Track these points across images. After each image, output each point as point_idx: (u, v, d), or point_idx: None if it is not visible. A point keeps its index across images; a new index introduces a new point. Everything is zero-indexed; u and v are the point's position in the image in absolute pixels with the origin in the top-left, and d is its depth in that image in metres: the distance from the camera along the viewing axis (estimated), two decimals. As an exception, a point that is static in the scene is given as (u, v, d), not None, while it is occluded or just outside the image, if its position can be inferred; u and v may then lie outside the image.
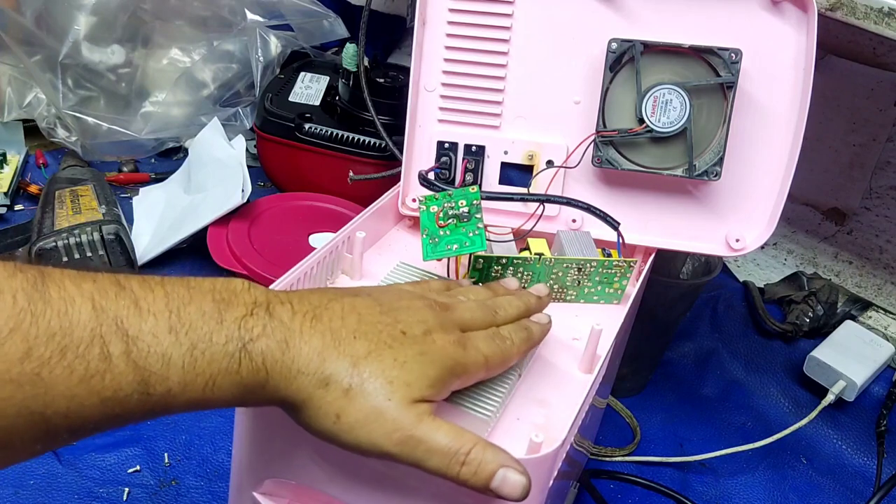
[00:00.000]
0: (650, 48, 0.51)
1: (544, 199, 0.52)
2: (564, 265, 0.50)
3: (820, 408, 0.75)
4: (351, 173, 0.75)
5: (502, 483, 0.33)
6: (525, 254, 0.51)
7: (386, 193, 0.56)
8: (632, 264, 0.51)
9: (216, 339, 0.31)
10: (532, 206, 0.53)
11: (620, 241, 0.51)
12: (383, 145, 0.88)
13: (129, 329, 0.29)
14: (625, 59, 0.52)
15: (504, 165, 0.56)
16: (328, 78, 1.00)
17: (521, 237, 0.53)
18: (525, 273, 0.50)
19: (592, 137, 0.53)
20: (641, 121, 0.51)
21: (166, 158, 1.03)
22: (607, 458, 0.70)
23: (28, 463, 0.59)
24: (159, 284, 0.32)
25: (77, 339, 0.28)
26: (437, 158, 0.57)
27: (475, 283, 0.50)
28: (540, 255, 0.50)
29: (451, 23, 0.54)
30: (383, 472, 0.39)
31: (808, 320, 0.89)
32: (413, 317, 0.37)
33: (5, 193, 0.88)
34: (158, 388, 0.30)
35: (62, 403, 0.28)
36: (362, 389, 0.33)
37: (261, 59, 1.02)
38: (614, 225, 0.51)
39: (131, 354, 0.29)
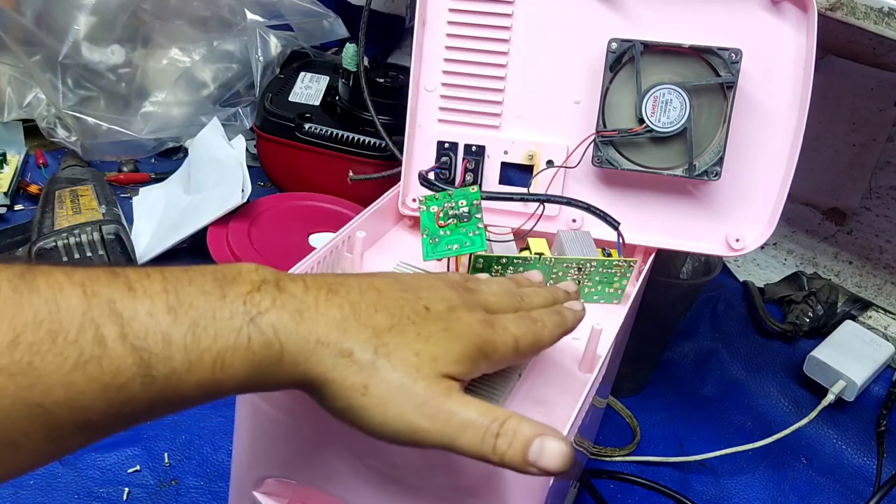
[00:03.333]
0: (650, 48, 0.51)
1: (544, 199, 0.52)
2: (564, 265, 0.50)
3: (820, 408, 0.75)
4: (351, 173, 0.75)
5: (540, 452, 0.31)
6: (525, 254, 0.51)
7: (386, 193, 0.56)
8: (632, 264, 0.51)
9: (220, 315, 0.30)
10: (532, 206, 0.53)
11: (620, 240, 0.51)
12: (383, 145, 0.88)
13: (123, 311, 0.28)
14: (625, 59, 0.52)
15: (504, 165, 0.56)
16: (328, 78, 1.00)
17: (521, 237, 0.53)
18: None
19: (592, 137, 0.53)
20: (641, 121, 0.51)
21: (166, 158, 1.03)
22: (607, 458, 0.70)
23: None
24: (157, 271, 0.30)
25: (67, 324, 0.27)
26: (437, 158, 0.57)
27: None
28: (540, 254, 0.50)
29: (451, 23, 0.54)
30: (383, 472, 0.39)
31: (808, 320, 0.89)
32: (436, 294, 0.35)
33: (5, 193, 0.88)
34: (161, 370, 0.28)
35: (60, 392, 0.27)
36: (388, 361, 0.31)
37: (261, 59, 1.02)
38: (614, 225, 0.51)
39: (127, 337, 0.28)
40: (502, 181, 0.57)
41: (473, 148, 0.56)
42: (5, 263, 0.28)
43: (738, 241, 0.54)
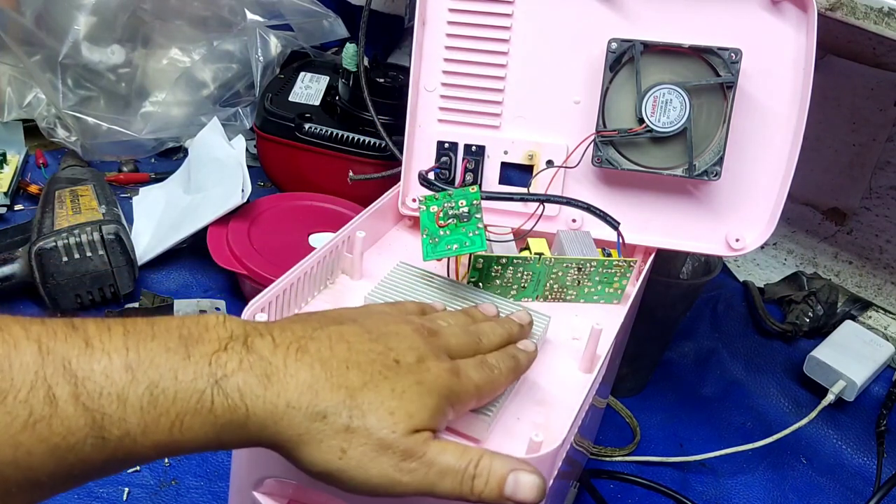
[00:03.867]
0: (650, 48, 0.51)
1: (544, 199, 0.52)
2: (564, 265, 0.50)
3: (820, 408, 0.75)
4: (351, 173, 0.75)
5: (515, 487, 0.33)
6: (525, 254, 0.51)
7: (386, 193, 0.56)
8: (632, 264, 0.51)
9: (182, 377, 0.29)
10: (532, 206, 0.53)
11: (620, 240, 0.51)
12: (383, 145, 0.88)
13: (77, 370, 0.28)
14: (625, 59, 0.52)
15: (504, 165, 0.56)
16: (328, 78, 1.00)
17: (521, 237, 0.53)
18: (525, 273, 0.50)
19: (592, 137, 0.53)
20: (641, 121, 0.52)
21: (166, 158, 1.03)
22: (607, 458, 0.70)
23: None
24: (119, 324, 0.30)
25: (18, 383, 0.27)
26: (437, 158, 0.57)
27: (475, 283, 0.50)
28: (540, 254, 0.50)
29: (451, 23, 0.54)
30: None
31: (808, 320, 0.89)
32: (404, 343, 0.35)
33: (5, 193, 0.88)
34: (115, 432, 0.28)
35: (7, 452, 0.26)
36: (364, 423, 0.32)
37: (261, 59, 1.02)
38: (614, 225, 0.51)
39: (80, 397, 0.27)
40: (502, 181, 0.57)
41: (473, 148, 0.56)
42: None
43: (738, 241, 0.54)
